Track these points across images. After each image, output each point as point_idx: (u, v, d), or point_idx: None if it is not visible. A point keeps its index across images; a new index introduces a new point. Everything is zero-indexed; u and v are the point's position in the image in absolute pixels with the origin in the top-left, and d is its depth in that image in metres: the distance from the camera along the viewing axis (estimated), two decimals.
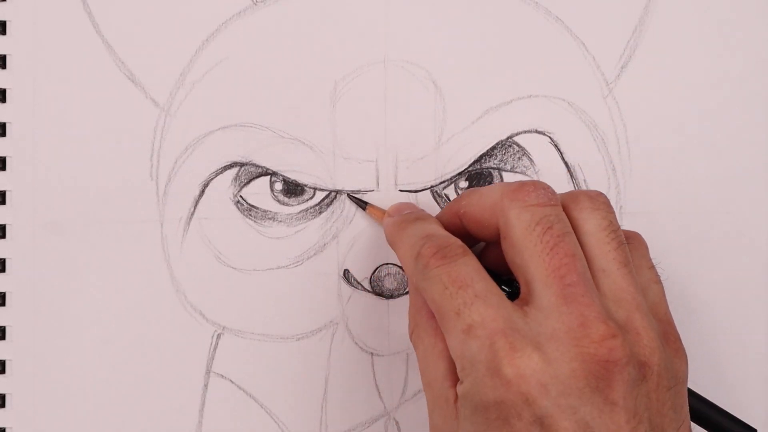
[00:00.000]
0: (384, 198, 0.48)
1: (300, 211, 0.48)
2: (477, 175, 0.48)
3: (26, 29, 0.47)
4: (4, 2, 0.47)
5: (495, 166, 0.48)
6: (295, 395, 0.48)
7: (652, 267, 0.42)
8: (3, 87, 0.47)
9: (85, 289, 0.47)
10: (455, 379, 0.39)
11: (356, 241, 0.48)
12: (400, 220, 0.44)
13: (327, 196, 0.48)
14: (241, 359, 0.48)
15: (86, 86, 0.47)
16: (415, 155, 0.48)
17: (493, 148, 0.48)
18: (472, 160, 0.48)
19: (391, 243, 0.44)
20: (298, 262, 0.48)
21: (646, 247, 0.42)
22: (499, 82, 0.48)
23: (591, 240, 0.39)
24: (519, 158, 0.48)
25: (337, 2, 0.48)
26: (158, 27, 0.48)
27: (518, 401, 0.36)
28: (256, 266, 0.48)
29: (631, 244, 0.41)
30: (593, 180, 0.48)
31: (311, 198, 0.48)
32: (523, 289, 0.39)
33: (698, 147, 0.48)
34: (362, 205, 0.47)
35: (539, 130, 0.48)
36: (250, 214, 0.48)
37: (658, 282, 0.42)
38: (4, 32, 0.47)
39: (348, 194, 0.47)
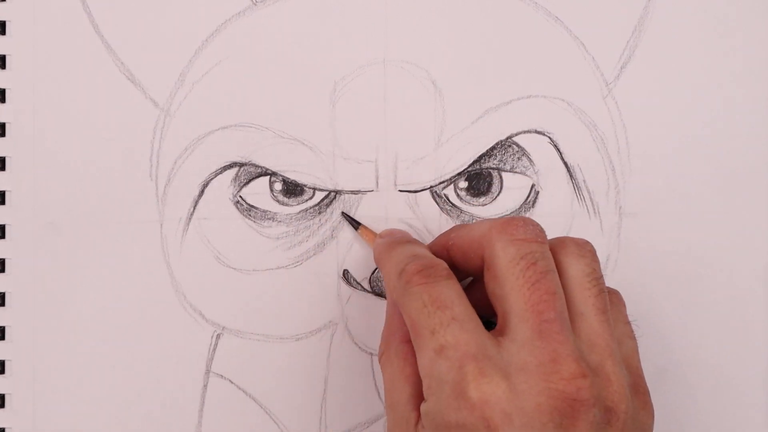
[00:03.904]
0: (384, 198, 0.48)
1: (299, 211, 0.48)
2: (476, 175, 0.48)
3: (26, 29, 0.47)
4: (4, 2, 0.47)
5: (494, 166, 0.48)
6: (294, 395, 0.48)
7: (628, 323, 0.42)
8: (3, 87, 0.47)
9: (85, 289, 0.47)
10: (418, 403, 0.39)
11: (356, 241, 0.48)
12: (389, 241, 0.44)
13: (326, 196, 0.48)
14: (241, 359, 0.48)
15: (86, 86, 0.47)
16: (415, 155, 0.48)
17: (493, 148, 0.48)
18: (472, 160, 0.48)
19: (378, 261, 0.44)
20: (297, 262, 0.48)
21: (624, 304, 0.43)
22: (498, 82, 0.48)
23: (573, 284, 0.40)
24: (518, 158, 0.48)
25: (337, 2, 0.48)
26: (158, 27, 0.48)
27: (480, 426, 0.36)
28: (255, 266, 0.48)
29: (611, 299, 0.42)
30: (593, 180, 0.48)
31: (311, 198, 0.48)
32: (499, 321, 0.39)
33: (698, 147, 0.48)
34: (355, 225, 0.47)
35: (539, 130, 0.48)
36: (250, 214, 0.48)
37: (633, 338, 0.42)
38: (4, 32, 0.47)
39: (342, 213, 0.47)
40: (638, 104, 0.48)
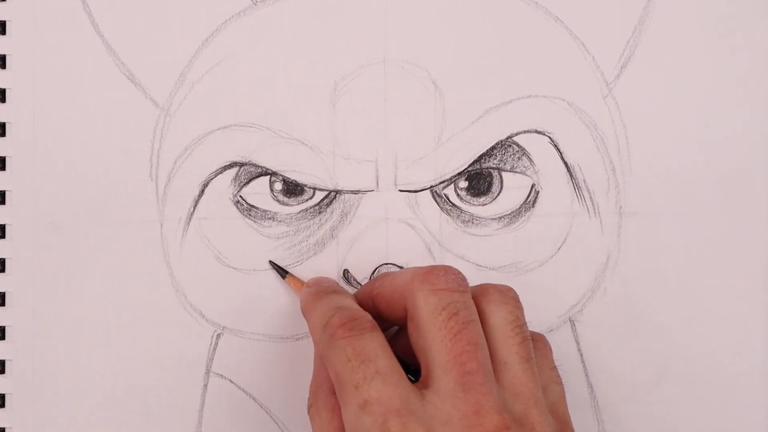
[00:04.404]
0: (384, 198, 0.48)
1: (300, 211, 0.48)
2: (477, 175, 0.48)
3: (26, 29, 0.47)
4: (4, 2, 0.47)
5: (495, 166, 0.48)
6: (295, 395, 0.48)
7: (554, 368, 0.42)
8: (3, 87, 0.47)
9: (85, 289, 0.47)
10: None
11: (356, 241, 0.48)
12: (316, 291, 0.44)
13: (327, 196, 0.48)
14: (241, 359, 0.48)
15: (86, 86, 0.47)
16: (415, 155, 0.48)
17: (493, 148, 0.48)
18: (472, 160, 0.48)
19: (305, 312, 0.44)
20: (297, 262, 0.48)
21: (550, 349, 0.43)
22: (498, 82, 0.48)
23: (496, 332, 0.40)
24: (519, 158, 0.48)
25: (337, 2, 0.48)
26: (158, 27, 0.48)
27: None
28: (255, 266, 0.48)
29: (536, 344, 0.42)
30: (593, 180, 0.48)
31: (311, 198, 0.48)
32: (423, 372, 0.39)
33: (698, 147, 0.48)
34: (282, 273, 0.47)
35: (539, 130, 0.48)
36: (250, 214, 0.48)
37: (559, 383, 0.42)
38: (4, 32, 0.47)
39: (270, 261, 0.47)
40: (638, 104, 0.48)
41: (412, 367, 0.40)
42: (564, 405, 0.41)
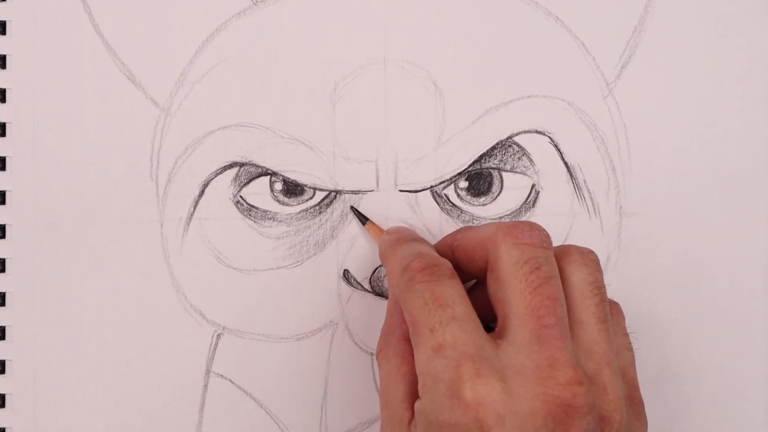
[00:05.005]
0: (384, 198, 0.48)
1: (300, 211, 0.48)
2: (477, 175, 0.48)
3: (26, 29, 0.47)
4: (4, 2, 0.47)
5: (495, 166, 0.48)
6: (295, 395, 0.48)
7: (626, 335, 0.42)
8: (3, 87, 0.47)
9: (85, 289, 0.47)
10: (413, 401, 0.39)
11: (356, 241, 0.48)
12: (396, 238, 0.44)
13: (327, 196, 0.48)
14: (241, 359, 0.48)
15: (86, 86, 0.47)
16: (415, 155, 0.48)
17: (493, 148, 0.48)
18: (472, 160, 0.48)
19: (383, 257, 0.44)
20: (297, 262, 0.48)
21: (624, 317, 0.43)
22: (498, 82, 0.48)
23: (575, 292, 0.40)
24: (519, 158, 0.48)
25: (337, 2, 0.48)
26: (158, 27, 0.48)
27: (472, 427, 0.36)
28: (255, 266, 0.48)
29: (611, 309, 0.42)
30: (593, 180, 0.48)
31: (311, 198, 0.48)
32: (499, 323, 0.39)
33: (698, 147, 0.48)
34: (363, 220, 0.47)
35: (539, 130, 0.48)
36: (250, 214, 0.48)
37: (630, 350, 0.42)
38: (4, 32, 0.47)
39: (351, 207, 0.47)
40: (638, 104, 0.48)
41: (490, 324, 0.40)
42: (634, 371, 0.41)
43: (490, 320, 0.40)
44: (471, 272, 0.42)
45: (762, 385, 0.49)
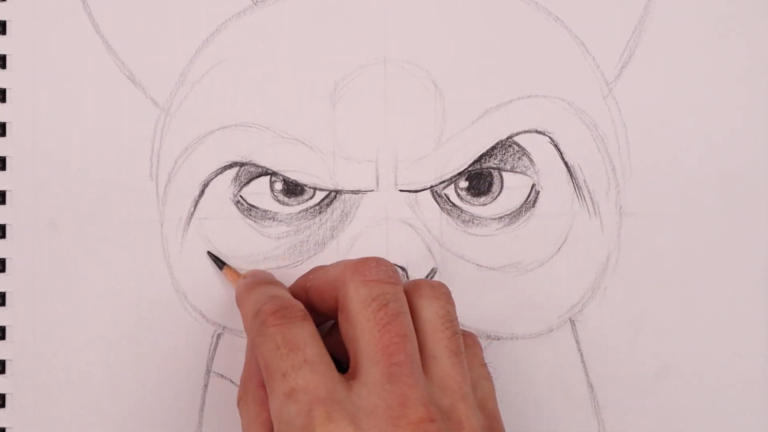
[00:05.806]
0: (384, 198, 0.48)
1: (300, 211, 0.48)
2: (477, 175, 0.48)
3: (26, 29, 0.47)
4: (4, 2, 0.47)
5: (495, 166, 0.48)
6: None
7: (484, 365, 0.42)
8: (3, 87, 0.47)
9: (85, 289, 0.47)
10: None
11: (356, 241, 0.48)
12: (251, 281, 0.44)
13: (327, 196, 0.48)
14: (242, 359, 0.47)
15: (86, 86, 0.47)
16: (415, 155, 0.48)
17: (493, 148, 0.48)
18: (472, 160, 0.48)
19: (238, 302, 0.44)
20: (298, 262, 0.48)
21: (480, 347, 0.43)
22: (498, 82, 0.48)
23: (426, 326, 0.40)
24: (519, 158, 0.48)
25: (337, 2, 0.48)
26: (158, 27, 0.48)
27: None
28: (255, 266, 0.48)
29: (466, 341, 0.42)
30: (593, 180, 0.48)
31: (311, 198, 0.48)
32: (352, 363, 0.39)
33: (698, 147, 0.48)
34: (220, 265, 0.47)
35: (539, 130, 0.48)
36: (250, 214, 0.48)
37: (489, 380, 0.42)
38: (4, 32, 0.47)
39: (208, 252, 0.47)
40: (638, 104, 0.48)
41: (345, 364, 0.40)
42: (493, 401, 0.41)
43: (348, 361, 0.40)
44: (325, 312, 0.42)
45: (762, 385, 0.49)
